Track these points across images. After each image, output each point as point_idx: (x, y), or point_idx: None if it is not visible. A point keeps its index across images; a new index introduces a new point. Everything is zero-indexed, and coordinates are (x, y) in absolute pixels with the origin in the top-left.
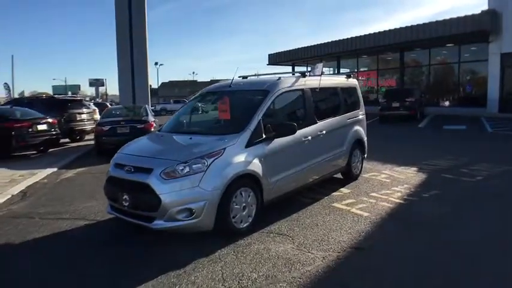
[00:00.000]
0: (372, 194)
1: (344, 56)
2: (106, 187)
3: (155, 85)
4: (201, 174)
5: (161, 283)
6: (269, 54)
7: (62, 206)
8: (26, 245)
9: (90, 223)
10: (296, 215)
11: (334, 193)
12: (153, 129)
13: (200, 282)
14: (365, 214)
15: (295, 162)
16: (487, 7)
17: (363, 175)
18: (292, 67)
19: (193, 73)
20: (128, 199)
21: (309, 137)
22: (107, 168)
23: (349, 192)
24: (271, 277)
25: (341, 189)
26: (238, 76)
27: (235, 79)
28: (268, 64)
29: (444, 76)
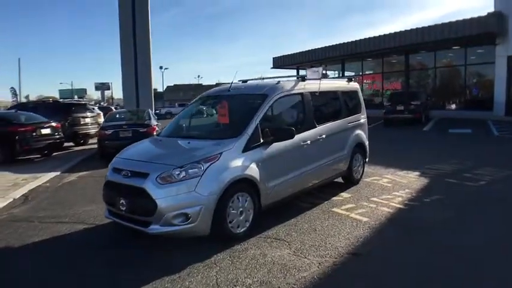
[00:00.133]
0: (373, 199)
1: (348, 59)
2: (104, 191)
3: (160, 89)
4: (197, 179)
5: None
6: (273, 57)
7: (62, 210)
8: (25, 248)
9: (88, 227)
10: (294, 220)
11: (334, 198)
12: (155, 133)
13: (194, 287)
14: (364, 219)
15: (293, 166)
16: (493, 9)
17: (365, 179)
18: (296, 70)
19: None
20: (125, 204)
21: (308, 141)
22: None
23: (349, 196)
24: (265, 283)
25: (341, 193)
26: (238, 80)
27: (234, 83)
28: (272, 67)
29: (450, 79)
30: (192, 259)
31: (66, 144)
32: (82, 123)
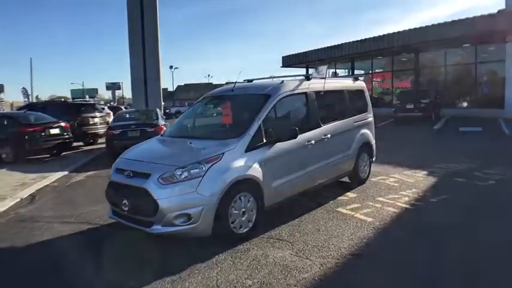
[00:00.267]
0: (379, 199)
1: (358, 58)
2: (107, 192)
3: (171, 88)
4: (199, 179)
5: None
6: (283, 56)
7: (68, 210)
8: (28, 249)
9: (93, 227)
10: (298, 220)
11: (339, 197)
12: (163, 132)
13: None
14: (369, 219)
15: (298, 166)
16: (504, 7)
17: (371, 179)
18: (306, 69)
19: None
20: (128, 204)
21: (313, 141)
22: None
23: (355, 196)
24: (266, 284)
25: (347, 193)
26: (243, 80)
27: (238, 83)
28: (282, 66)
29: (460, 77)
30: (194, 260)
31: (75, 144)
32: (91, 123)
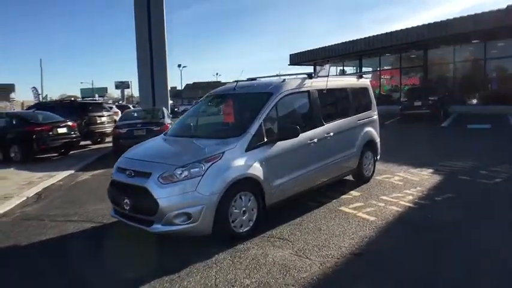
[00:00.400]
0: (382, 197)
1: (366, 55)
2: (109, 191)
3: (179, 87)
4: (199, 178)
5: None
6: (290, 54)
7: (73, 209)
8: (31, 247)
9: (96, 225)
10: (300, 219)
11: (343, 196)
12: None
13: (192, 287)
14: (371, 218)
15: (300, 165)
16: None
17: (376, 177)
18: (313, 67)
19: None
20: (129, 203)
21: (315, 140)
22: None
23: (359, 195)
24: (264, 284)
25: (351, 192)
26: (247, 78)
27: (240, 81)
28: (289, 64)
29: (470, 73)
30: (193, 259)
31: (83, 142)
32: (98, 122)
